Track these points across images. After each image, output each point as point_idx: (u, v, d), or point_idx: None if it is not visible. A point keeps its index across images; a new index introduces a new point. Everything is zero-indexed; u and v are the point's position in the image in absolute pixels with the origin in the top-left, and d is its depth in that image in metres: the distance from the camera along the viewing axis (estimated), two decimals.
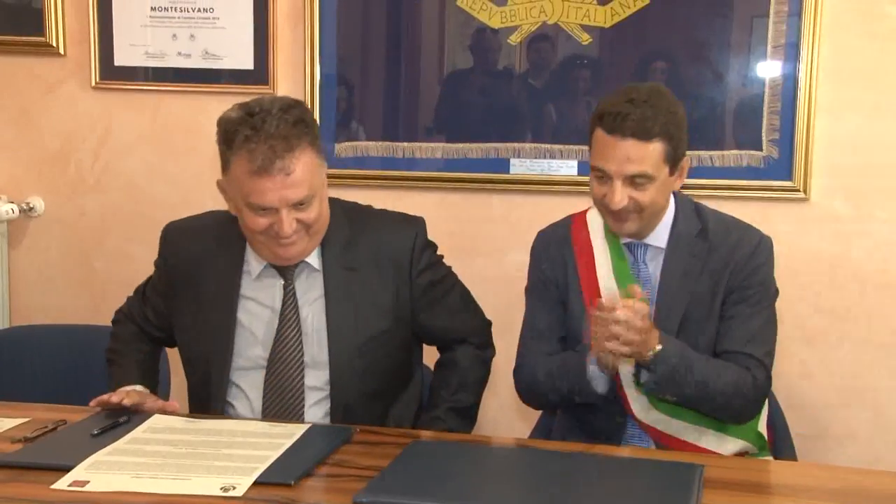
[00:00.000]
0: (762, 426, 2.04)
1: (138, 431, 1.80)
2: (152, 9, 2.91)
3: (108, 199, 3.03)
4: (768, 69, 2.65)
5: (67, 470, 1.60)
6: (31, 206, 3.04)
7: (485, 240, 2.88)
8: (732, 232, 2.02)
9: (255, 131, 1.82)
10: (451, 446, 1.80)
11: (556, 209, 2.36)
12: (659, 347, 1.85)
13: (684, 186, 2.58)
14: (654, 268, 2.02)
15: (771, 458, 2.04)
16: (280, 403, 1.98)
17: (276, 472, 1.61)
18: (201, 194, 2.91)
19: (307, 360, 1.99)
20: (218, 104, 2.84)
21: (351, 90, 2.91)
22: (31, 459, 1.66)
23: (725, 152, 2.70)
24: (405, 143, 2.88)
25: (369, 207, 2.11)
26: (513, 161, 2.82)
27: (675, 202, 2.02)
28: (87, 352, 2.55)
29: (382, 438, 1.81)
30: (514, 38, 2.78)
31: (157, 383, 2.16)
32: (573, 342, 2.05)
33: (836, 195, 2.67)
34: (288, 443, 1.74)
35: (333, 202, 2.01)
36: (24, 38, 2.97)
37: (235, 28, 2.88)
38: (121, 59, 2.95)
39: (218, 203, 2.06)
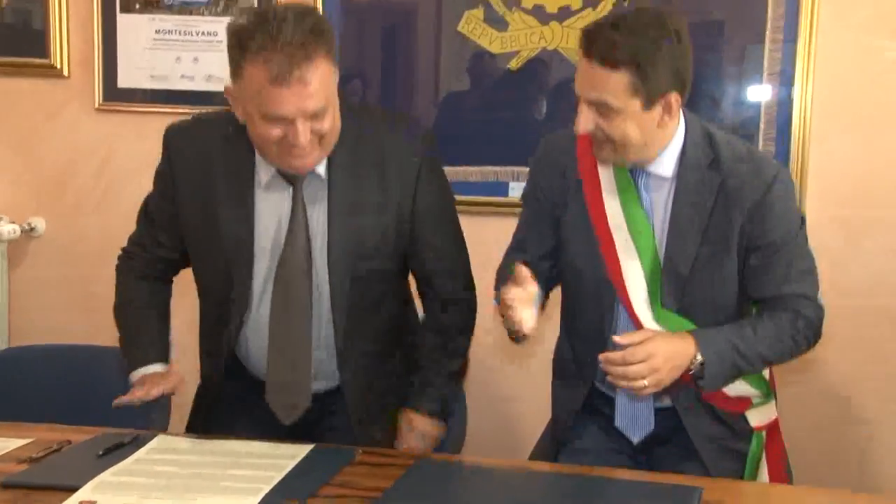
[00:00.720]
0: (765, 373, 2.03)
1: (143, 452, 1.82)
2: (157, 32, 2.94)
3: (109, 221, 3.04)
4: (763, 96, 2.70)
5: (74, 490, 1.62)
6: (33, 226, 3.06)
7: (484, 263, 2.89)
8: (746, 162, 1.92)
9: (272, 39, 1.74)
10: (453, 468, 1.82)
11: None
12: (699, 359, 1.83)
13: None
14: (658, 197, 1.94)
15: (773, 401, 2.05)
16: (286, 323, 1.98)
17: (281, 493, 1.62)
18: None
19: (315, 269, 1.98)
20: None
21: None
22: (37, 480, 1.68)
23: None
24: None
25: (377, 108, 2.09)
26: (512, 184, 2.85)
27: (686, 128, 1.93)
28: (87, 372, 2.56)
29: (385, 460, 1.83)
30: (514, 64, 2.82)
31: (169, 344, 2.16)
32: (570, 273, 2.03)
33: (829, 223, 2.70)
34: (291, 463, 1.76)
35: (340, 101, 1.93)
36: (28, 60, 3.01)
37: None
38: (124, 81, 2.98)
39: None
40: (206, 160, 1.98)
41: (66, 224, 3.08)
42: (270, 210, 1.97)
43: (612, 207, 1.95)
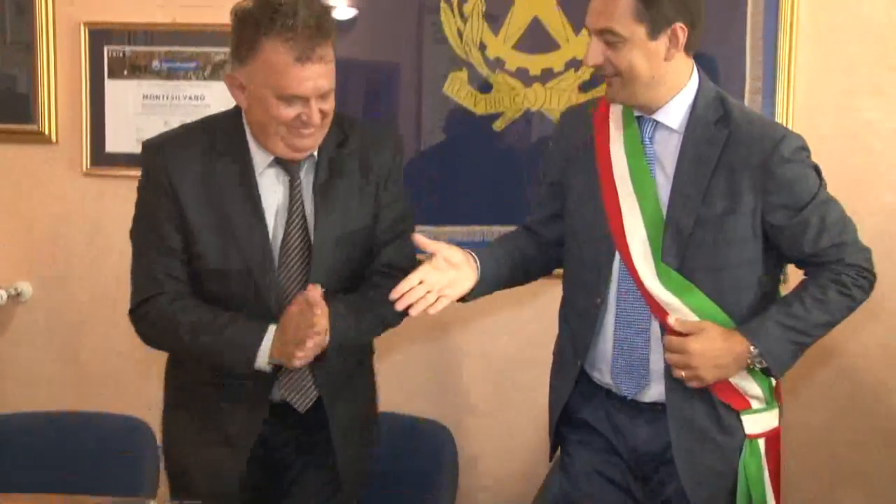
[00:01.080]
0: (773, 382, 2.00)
1: None
2: (144, 97, 2.97)
3: (97, 284, 3.04)
4: None
5: None
6: (19, 291, 3.05)
7: (469, 320, 2.91)
8: (756, 124, 1.94)
9: (293, 20, 1.82)
10: None
11: (544, 291, 2.41)
12: (754, 352, 1.88)
13: None
14: (664, 150, 1.95)
15: (776, 411, 2.01)
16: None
17: None
18: None
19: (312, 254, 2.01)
20: None
21: None
22: None
23: None
24: None
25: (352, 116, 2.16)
26: None
27: (699, 85, 1.95)
28: (74, 439, 2.55)
29: None
30: (499, 125, 2.85)
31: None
32: (572, 237, 2.07)
33: None
34: None
35: None
36: (16, 127, 3.02)
37: None
38: (112, 145, 3.00)
39: None
40: (203, 164, 1.98)
41: (53, 288, 3.07)
42: (270, 199, 2.01)
43: (618, 158, 1.98)
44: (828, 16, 2.68)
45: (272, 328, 1.94)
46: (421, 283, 1.89)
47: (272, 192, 2.01)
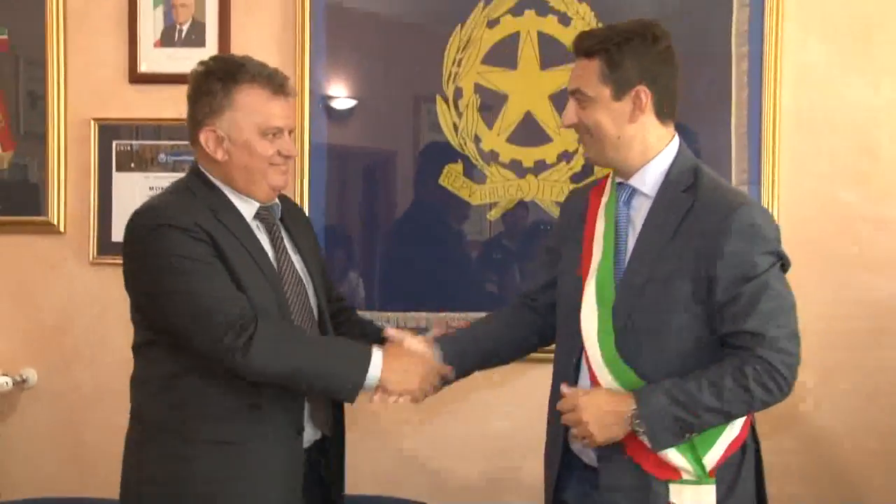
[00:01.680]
0: (710, 459, 1.93)
1: None
2: (150, 188, 3.06)
3: (101, 371, 3.10)
4: None
5: None
6: (25, 377, 3.10)
7: (466, 403, 2.96)
8: (718, 192, 1.96)
9: (259, 67, 2.08)
10: None
11: (537, 375, 2.45)
12: (635, 411, 1.87)
13: None
14: (637, 215, 2.01)
15: (712, 487, 1.93)
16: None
17: None
18: None
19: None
20: None
21: (350, 252, 3.06)
22: None
23: None
24: (389, 313, 2.99)
25: None
26: None
27: (676, 154, 2.02)
28: None
29: None
30: (493, 214, 2.94)
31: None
32: (558, 303, 2.13)
33: (803, 365, 2.74)
34: None
35: None
36: (26, 219, 3.11)
37: None
38: (118, 235, 3.07)
39: None
40: (213, 225, 2.04)
41: (57, 375, 3.12)
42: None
43: (599, 225, 2.06)
44: (809, 107, 2.78)
45: (377, 354, 2.05)
46: None
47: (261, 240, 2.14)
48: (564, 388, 1.96)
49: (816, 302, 2.76)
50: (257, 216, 2.14)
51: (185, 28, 3.05)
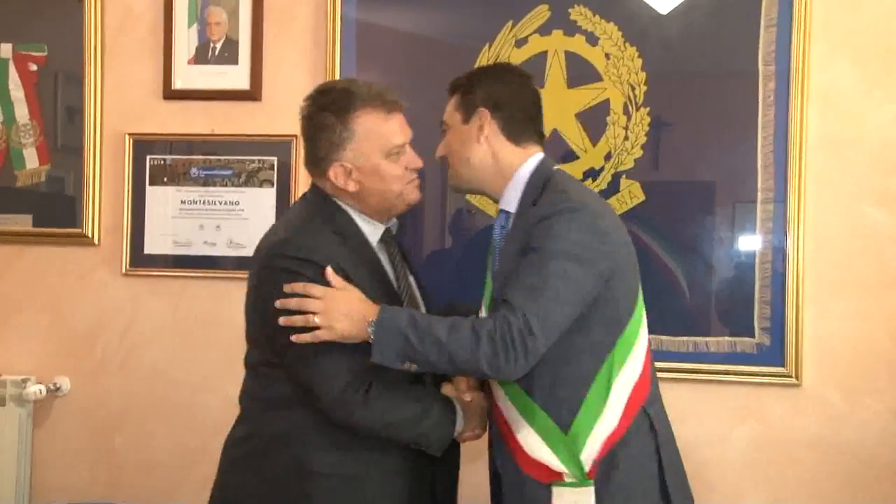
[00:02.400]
0: (587, 455, 1.97)
1: None
2: (182, 202, 3.13)
3: (132, 379, 3.16)
4: (757, 260, 2.81)
5: None
6: (58, 386, 3.17)
7: None
8: (551, 195, 2.02)
9: (367, 90, 2.09)
10: None
11: None
12: (375, 318, 1.90)
13: (681, 370, 2.72)
14: (501, 232, 2.14)
15: (591, 489, 1.96)
16: None
17: None
18: (221, 378, 3.06)
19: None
20: (238, 289, 3.03)
21: None
22: None
23: (719, 339, 2.83)
24: None
25: None
26: None
27: (532, 171, 2.10)
28: None
29: None
30: None
31: None
32: None
33: (828, 382, 2.78)
34: None
35: None
36: (61, 230, 3.19)
37: (259, 219, 3.08)
38: (150, 247, 3.15)
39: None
40: (341, 253, 2.06)
41: (90, 383, 3.19)
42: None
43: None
44: (836, 126, 2.78)
45: (460, 412, 2.09)
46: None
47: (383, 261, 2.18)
48: (318, 291, 1.95)
49: (841, 319, 2.77)
50: (380, 240, 2.18)
51: (218, 46, 3.11)
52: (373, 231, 2.16)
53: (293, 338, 1.94)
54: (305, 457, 2.01)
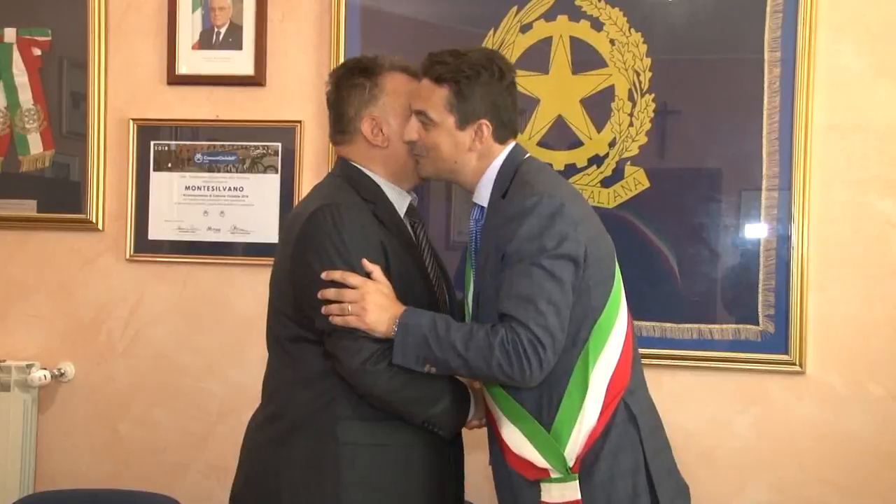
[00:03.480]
0: (570, 452, 1.98)
1: None
2: (186, 188, 3.12)
3: (137, 364, 3.16)
4: (761, 244, 2.81)
5: None
6: (63, 371, 3.18)
7: None
8: (513, 192, 2.01)
9: (391, 57, 2.18)
10: None
11: None
12: (401, 313, 1.95)
13: (690, 358, 2.73)
14: (476, 226, 2.14)
15: (577, 483, 1.98)
16: None
17: None
18: (225, 364, 3.07)
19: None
20: (243, 275, 3.05)
21: None
22: None
23: (723, 326, 2.83)
24: None
25: None
26: None
27: (502, 164, 2.08)
28: None
29: None
30: None
31: None
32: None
33: (831, 369, 2.78)
34: None
35: None
36: (66, 216, 3.18)
37: (262, 205, 3.08)
38: (154, 233, 3.15)
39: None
40: (380, 220, 2.11)
41: (94, 369, 3.19)
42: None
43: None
44: (841, 113, 2.77)
45: (473, 398, 2.13)
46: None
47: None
48: (356, 280, 1.97)
49: (845, 307, 2.77)
50: (406, 213, 2.20)
51: (222, 31, 3.11)
52: (400, 201, 2.19)
53: (323, 309, 1.98)
54: (332, 429, 2.03)
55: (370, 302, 1.95)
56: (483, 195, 2.10)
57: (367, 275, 2.00)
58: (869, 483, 2.75)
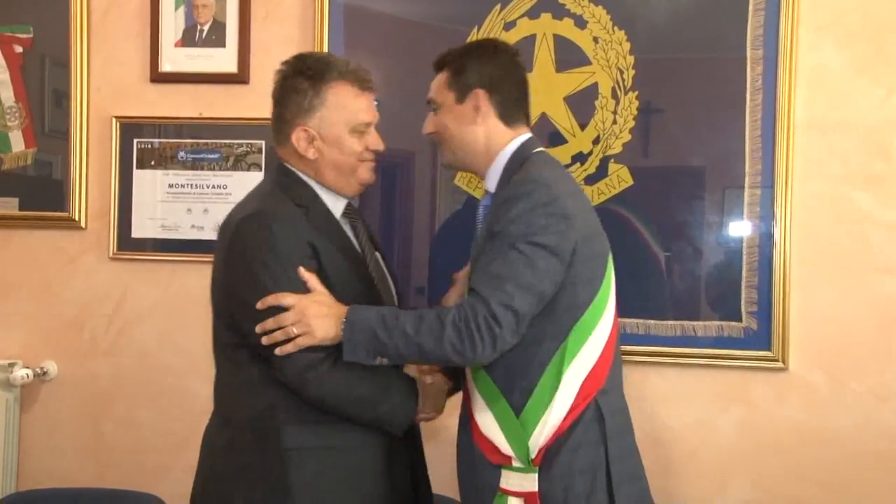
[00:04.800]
0: (534, 443, 1.98)
1: None
2: (170, 186, 3.11)
3: (120, 363, 3.15)
4: (743, 240, 2.82)
5: None
6: (45, 370, 3.16)
7: None
8: (517, 178, 2.02)
9: (345, 65, 2.13)
10: None
11: None
12: (345, 313, 1.95)
13: (668, 354, 2.72)
14: (484, 212, 2.15)
15: (536, 476, 1.97)
16: None
17: None
18: (209, 363, 3.03)
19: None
20: None
21: None
22: None
23: (707, 323, 2.84)
24: None
25: None
26: None
27: (514, 152, 2.10)
28: None
29: None
30: None
31: None
32: None
33: (814, 366, 2.79)
34: None
35: None
36: (48, 214, 3.17)
37: None
38: (137, 231, 3.13)
39: None
40: (310, 226, 2.08)
41: (77, 368, 3.18)
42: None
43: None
44: (823, 110, 2.79)
45: (419, 392, 2.11)
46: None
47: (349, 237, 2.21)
48: (289, 300, 1.96)
49: (827, 304, 2.78)
50: (344, 214, 2.19)
51: (205, 28, 3.10)
52: (335, 203, 2.17)
53: (264, 340, 1.96)
54: (277, 435, 2.02)
55: (311, 316, 1.95)
56: (491, 181, 2.13)
57: (304, 283, 1.99)
58: (851, 480, 2.77)
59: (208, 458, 2.14)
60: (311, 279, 2.00)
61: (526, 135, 2.16)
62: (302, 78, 2.11)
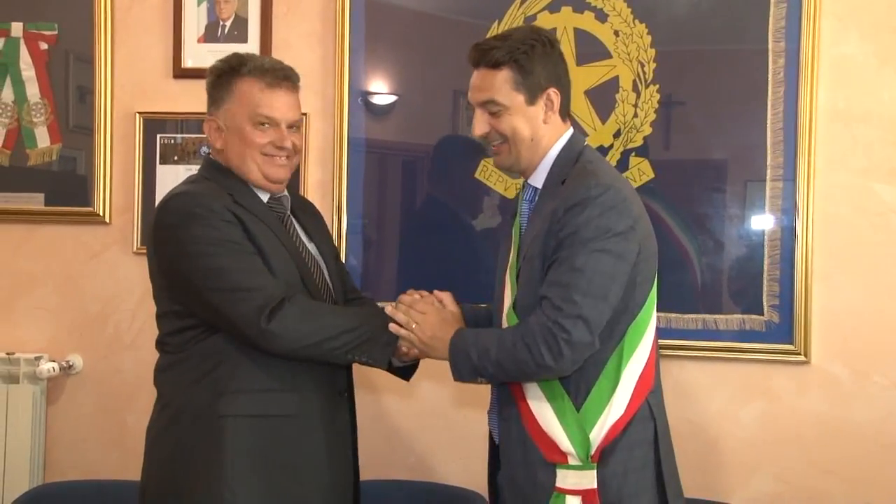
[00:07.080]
0: (593, 439, 1.98)
1: None
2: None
3: (143, 358, 3.16)
4: (765, 234, 2.81)
5: None
6: (71, 363, 3.19)
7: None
8: (576, 179, 2.01)
9: (262, 62, 2.21)
10: None
11: None
12: (451, 335, 2.03)
13: (691, 348, 2.71)
14: (529, 206, 2.13)
15: (594, 472, 1.98)
16: None
17: None
18: None
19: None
20: None
21: (385, 245, 3.11)
22: None
23: (729, 316, 2.84)
24: None
25: None
26: None
27: (563, 147, 2.09)
28: None
29: None
30: None
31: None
32: (495, 294, 2.21)
33: (836, 359, 2.78)
34: None
35: None
36: (73, 209, 3.21)
37: None
38: None
39: None
40: (233, 205, 2.15)
41: (102, 361, 3.21)
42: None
43: (515, 224, 2.19)
44: (845, 103, 2.78)
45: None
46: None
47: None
48: (416, 296, 2.15)
49: (850, 296, 2.77)
50: (270, 209, 2.23)
51: (227, 24, 3.12)
52: (261, 193, 2.24)
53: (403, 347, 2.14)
54: (213, 405, 2.09)
55: (431, 325, 2.09)
56: (538, 177, 2.10)
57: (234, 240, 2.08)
58: (874, 473, 2.76)
59: (150, 442, 2.23)
60: (446, 299, 2.18)
61: (570, 129, 2.15)
62: (218, 73, 2.22)
